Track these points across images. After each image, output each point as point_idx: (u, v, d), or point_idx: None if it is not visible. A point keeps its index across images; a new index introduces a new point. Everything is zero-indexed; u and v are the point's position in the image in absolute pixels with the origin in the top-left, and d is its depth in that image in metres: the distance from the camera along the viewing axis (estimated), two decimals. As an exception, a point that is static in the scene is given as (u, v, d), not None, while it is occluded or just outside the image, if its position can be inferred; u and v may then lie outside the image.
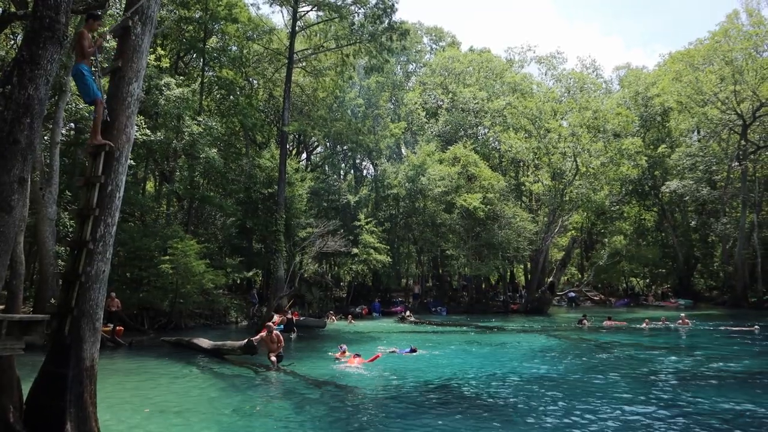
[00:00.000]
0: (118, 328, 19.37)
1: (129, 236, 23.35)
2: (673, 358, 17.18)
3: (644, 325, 27.04)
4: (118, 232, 8.18)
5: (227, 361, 15.99)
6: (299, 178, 34.56)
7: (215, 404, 10.89)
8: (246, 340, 15.88)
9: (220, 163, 29.66)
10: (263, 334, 15.85)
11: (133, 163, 24.10)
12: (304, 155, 48.59)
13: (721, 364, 15.85)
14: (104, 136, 7.19)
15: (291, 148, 42.47)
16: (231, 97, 33.85)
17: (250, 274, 32.19)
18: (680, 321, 27.27)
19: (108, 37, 9.82)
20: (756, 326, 25.27)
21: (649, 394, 11.73)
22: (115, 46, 8.56)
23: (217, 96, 34.60)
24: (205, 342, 17.80)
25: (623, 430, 9.00)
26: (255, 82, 39.78)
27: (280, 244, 30.82)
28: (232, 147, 34.85)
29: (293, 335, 22.94)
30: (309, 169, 43.78)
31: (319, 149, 50.41)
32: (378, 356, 16.42)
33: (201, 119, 27.76)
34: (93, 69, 7.47)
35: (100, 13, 8.14)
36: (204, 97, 31.94)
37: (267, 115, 40.93)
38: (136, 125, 18.89)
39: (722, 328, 26.11)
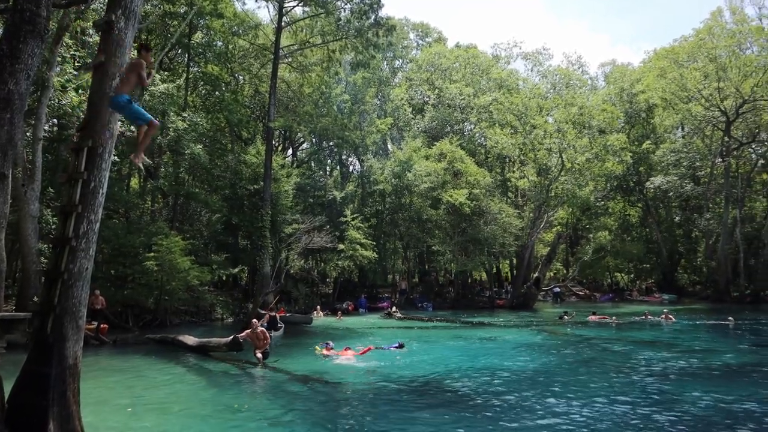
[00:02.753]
0: (102, 325, 19.20)
1: (113, 233, 23.18)
2: (654, 352, 17.32)
3: (613, 320, 27.61)
4: (101, 229, 8.10)
5: (213, 358, 15.93)
6: (285, 174, 34.44)
7: (201, 402, 10.84)
8: (232, 337, 15.85)
9: (206, 159, 29.50)
10: (248, 330, 15.83)
11: (117, 160, 23.88)
12: (290, 151, 48.41)
13: (700, 358, 16.04)
14: (87, 132, 7.11)
15: (277, 144, 42.31)
16: (216, 92, 33.67)
17: (236, 270, 32.08)
18: (663, 316, 27.56)
19: (90, 32, 9.71)
20: (730, 319, 25.99)
21: (630, 387, 11.84)
22: (98, 41, 8.45)
23: (203, 92, 34.38)
24: (190, 339, 17.73)
25: (606, 423, 9.06)
26: (241, 77, 39.58)
27: (266, 240, 30.73)
28: (217, 143, 34.66)
29: (274, 333, 22.66)
30: (295, 165, 43.67)
31: (305, 145, 50.30)
32: (370, 348, 16.49)
33: (186, 115, 27.58)
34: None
35: (151, 46, 8.14)
36: (189, 92, 31.72)
37: (253, 110, 40.73)
38: (120, 121, 18.78)
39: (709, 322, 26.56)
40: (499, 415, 9.59)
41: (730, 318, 26.32)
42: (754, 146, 46.48)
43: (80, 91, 18.17)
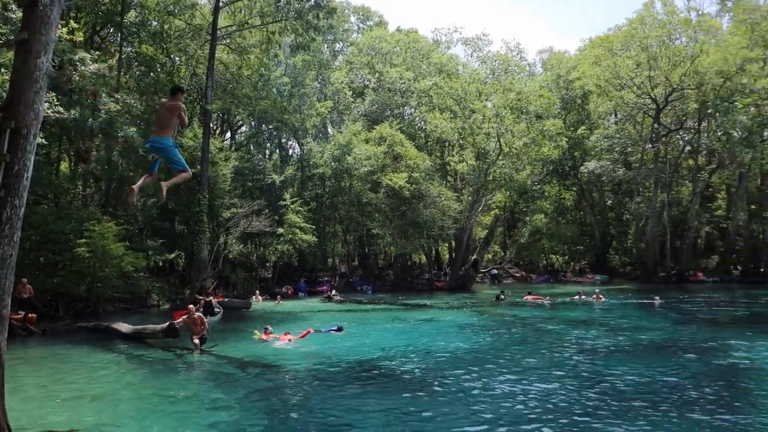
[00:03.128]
0: (30, 315, 18.50)
1: (42, 219, 22.32)
2: (585, 331, 17.98)
3: (546, 300, 28.59)
4: (29, 215, 7.83)
5: (148, 346, 15.64)
6: (223, 157, 33.84)
7: (136, 390, 10.63)
8: (168, 323, 15.59)
9: (140, 142, 28.62)
10: (185, 316, 15.60)
11: (46, 143, 23.00)
12: (228, 134, 47.53)
13: (628, 335, 16.74)
14: (10, 112, 6.82)
15: (214, 127, 41.42)
16: (151, 74, 32.61)
17: (173, 255, 31.45)
18: (594, 296, 28.53)
19: (13, 8, 9.29)
20: (656, 298, 27.19)
21: (562, 365, 12.27)
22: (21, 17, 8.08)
23: (137, 73, 33.26)
24: (124, 326, 17.35)
25: (539, 399, 9.36)
26: (177, 58, 38.46)
27: (203, 224, 30.21)
28: (152, 126, 33.68)
29: (211, 318, 22.18)
30: (233, 148, 42.92)
31: (243, 128, 49.45)
32: (309, 332, 16.48)
33: (119, 96, 26.66)
34: None
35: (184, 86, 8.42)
36: (122, 73, 30.68)
37: (189, 93, 39.59)
38: (48, 102, 18.04)
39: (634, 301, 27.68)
40: (437, 396, 9.79)
41: (656, 297, 27.54)
42: (681, 133, 48.54)
43: (2, 69, 17.35)
